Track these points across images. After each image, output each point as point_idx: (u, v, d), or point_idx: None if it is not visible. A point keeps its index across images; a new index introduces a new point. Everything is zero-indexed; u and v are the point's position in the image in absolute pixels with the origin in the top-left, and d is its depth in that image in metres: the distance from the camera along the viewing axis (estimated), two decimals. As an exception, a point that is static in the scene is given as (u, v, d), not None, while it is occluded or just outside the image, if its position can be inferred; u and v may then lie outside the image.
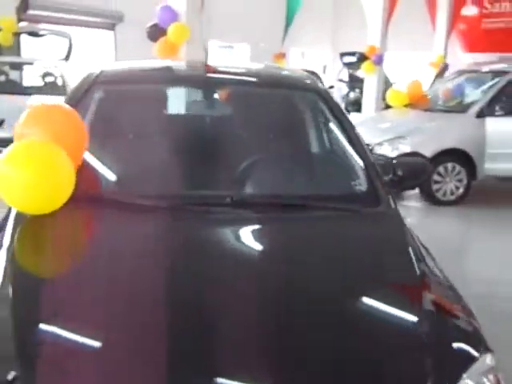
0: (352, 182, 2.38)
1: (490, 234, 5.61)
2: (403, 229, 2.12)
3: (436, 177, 6.48)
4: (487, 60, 11.49)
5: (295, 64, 18.48)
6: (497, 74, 7.26)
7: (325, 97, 2.66)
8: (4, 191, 1.89)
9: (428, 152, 6.11)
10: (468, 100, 7.40)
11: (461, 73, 8.42)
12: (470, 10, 14.94)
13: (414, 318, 1.62)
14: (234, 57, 17.32)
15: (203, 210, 2.03)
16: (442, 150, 6.35)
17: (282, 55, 16.66)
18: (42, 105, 2.22)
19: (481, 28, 15.24)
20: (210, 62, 2.67)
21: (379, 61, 10.98)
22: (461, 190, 6.59)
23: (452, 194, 6.59)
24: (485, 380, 1.47)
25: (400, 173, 2.44)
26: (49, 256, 1.84)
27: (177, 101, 2.75)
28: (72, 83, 8.44)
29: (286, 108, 2.83)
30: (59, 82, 8.31)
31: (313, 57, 20.36)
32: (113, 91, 2.66)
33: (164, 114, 2.74)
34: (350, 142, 2.47)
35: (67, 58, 9.03)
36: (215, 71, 2.74)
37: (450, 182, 6.53)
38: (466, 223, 6.07)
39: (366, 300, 1.72)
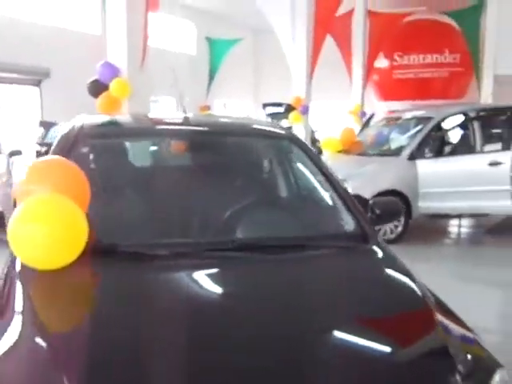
0: (341, 221, 2.53)
1: (436, 268, 5.90)
2: (396, 261, 2.30)
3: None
4: (400, 108, 12.31)
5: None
6: (420, 119, 7.84)
7: (299, 143, 2.83)
8: (21, 250, 1.84)
9: (367, 194, 6.40)
10: (395, 144, 7.90)
11: (386, 120, 9.02)
12: (382, 63, 16.09)
13: (431, 345, 1.74)
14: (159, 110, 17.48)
15: (216, 255, 2.11)
16: (380, 192, 6.69)
17: (207, 107, 17.08)
18: (41, 161, 2.22)
19: (392, 78, 16.42)
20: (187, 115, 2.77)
21: (305, 111, 11.51)
22: (399, 229, 6.97)
23: (392, 232, 6.96)
24: None
25: (378, 211, 2.65)
26: (78, 317, 1.80)
27: (162, 152, 2.82)
28: (3, 141, 8.19)
29: (266, 156, 2.98)
30: (-10, 140, 8.01)
31: (235, 108, 20.95)
32: (96, 145, 2.69)
33: (153, 166, 2.80)
34: (331, 183, 2.64)
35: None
36: (197, 124, 2.84)
37: (389, 222, 6.89)
38: (410, 260, 6.33)
39: (381, 331, 1.81)
